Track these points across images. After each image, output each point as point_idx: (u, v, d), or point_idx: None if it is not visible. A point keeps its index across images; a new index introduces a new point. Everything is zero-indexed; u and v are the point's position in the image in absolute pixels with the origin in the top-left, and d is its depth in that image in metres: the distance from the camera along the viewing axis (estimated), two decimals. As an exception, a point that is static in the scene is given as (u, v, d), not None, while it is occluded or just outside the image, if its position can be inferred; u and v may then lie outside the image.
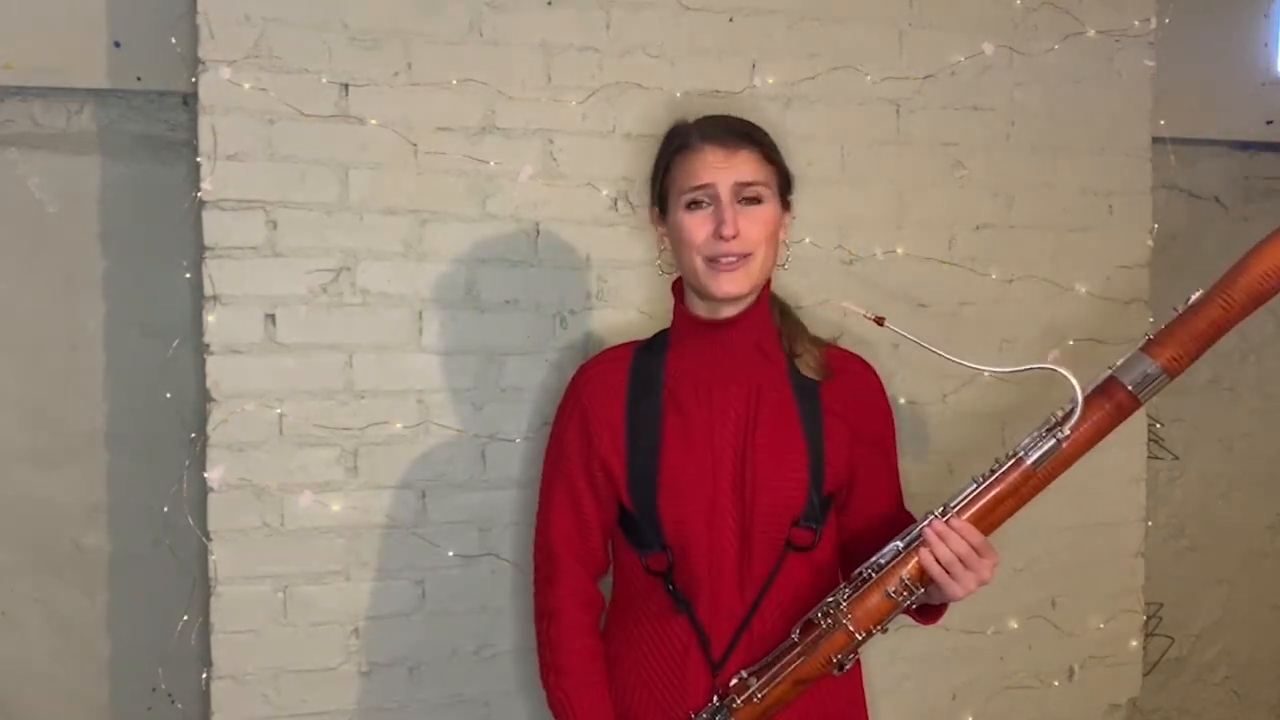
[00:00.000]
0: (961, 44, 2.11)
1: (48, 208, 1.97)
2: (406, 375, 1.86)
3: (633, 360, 1.48)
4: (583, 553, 1.47)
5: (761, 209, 1.37)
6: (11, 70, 1.87)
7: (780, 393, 1.42)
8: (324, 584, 1.84)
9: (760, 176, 1.37)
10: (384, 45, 1.82)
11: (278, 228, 1.79)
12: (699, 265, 1.37)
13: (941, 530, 1.25)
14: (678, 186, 1.40)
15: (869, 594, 1.28)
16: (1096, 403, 1.23)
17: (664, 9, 1.94)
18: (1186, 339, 1.21)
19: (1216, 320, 1.20)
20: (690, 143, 1.40)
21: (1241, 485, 2.77)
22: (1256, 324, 2.75)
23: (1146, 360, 1.21)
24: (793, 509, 1.38)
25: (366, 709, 1.87)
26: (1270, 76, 2.59)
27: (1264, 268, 1.19)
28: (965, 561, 1.24)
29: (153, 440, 1.99)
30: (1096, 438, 1.24)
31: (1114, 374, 1.24)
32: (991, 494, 1.26)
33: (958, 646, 2.18)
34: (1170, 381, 1.22)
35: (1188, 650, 2.74)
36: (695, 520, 1.38)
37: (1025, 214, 2.18)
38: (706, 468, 1.38)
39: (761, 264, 1.38)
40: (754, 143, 1.39)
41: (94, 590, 2.02)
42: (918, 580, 1.27)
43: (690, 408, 1.41)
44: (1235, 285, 1.19)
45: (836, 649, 1.28)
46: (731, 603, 1.38)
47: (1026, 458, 1.25)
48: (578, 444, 1.46)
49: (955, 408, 2.13)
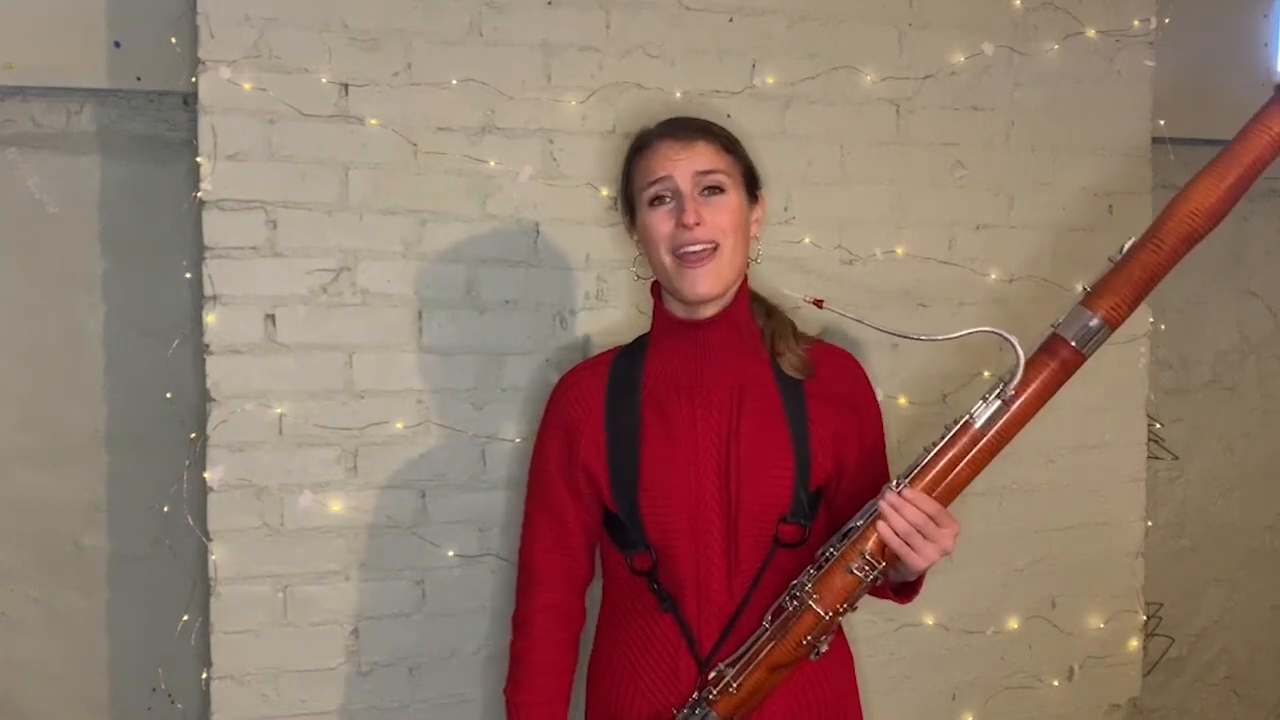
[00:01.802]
0: (961, 44, 2.11)
1: (48, 208, 1.97)
2: (406, 375, 1.86)
3: (612, 365, 1.49)
4: (562, 564, 1.49)
5: (724, 198, 1.37)
6: (11, 70, 1.87)
7: (763, 389, 1.41)
8: (324, 584, 1.84)
9: (719, 165, 1.37)
10: (384, 45, 1.82)
11: (278, 228, 1.79)
12: (668, 262, 1.37)
13: (895, 501, 1.24)
14: (639, 185, 1.40)
15: (832, 572, 1.27)
16: (1041, 361, 1.24)
17: (664, 9, 1.94)
18: (1122, 287, 1.21)
19: (1149, 264, 1.21)
20: (648, 141, 1.41)
21: (1241, 485, 2.77)
22: (1256, 324, 2.75)
23: (1086, 314, 1.22)
24: (779, 505, 1.38)
25: (366, 709, 1.87)
26: (1270, 76, 2.59)
27: (1189, 208, 1.20)
28: (923, 531, 1.23)
29: (153, 440, 1.99)
30: (1045, 396, 1.24)
31: (1056, 331, 1.24)
32: (943, 461, 1.25)
33: (958, 646, 2.18)
34: (1112, 333, 1.23)
35: (1188, 650, 2.74)
36: (678, 519, 1.38)
37: (1025, 214, 2.18)
38: (689, 466, 1.38)
39: (730, 257, 1.37)
40: (710, 134, 1.40)
41: (94, 590, 2.01)
42: (879, 555, 1.26)
43: (671, 407, 1.41)
44: (1163, 228, 1.21)
45: (805, 631, 1.28)
46: (720, 600, 1.37)
47: (974, 421, 1.24)
48: (558, 452, 1.47)
49: (955, 408, 2.13)
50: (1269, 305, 2.75)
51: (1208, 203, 1.21)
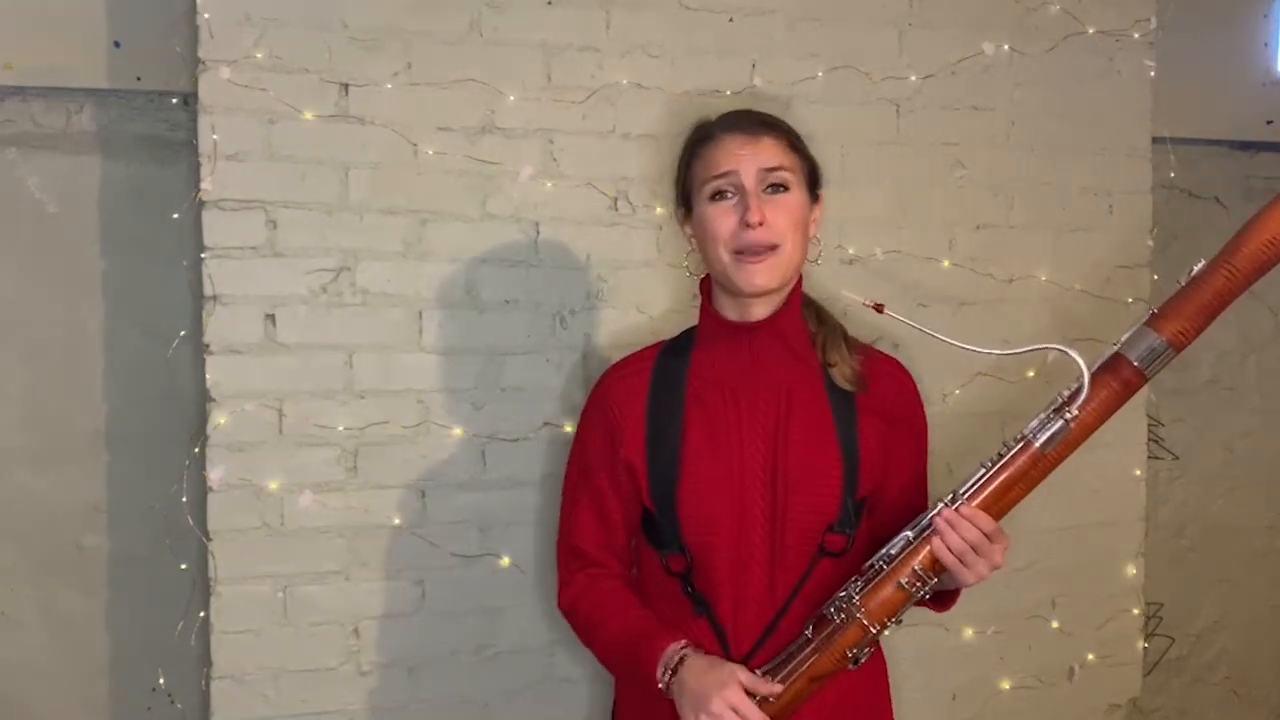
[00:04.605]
0: (961, 44, 2.11)
1: (48, 208, 1.97)
2: (406, 375, 1.86)
3: (656, 361, 1.46)
4: (609, 546, 1.45)
5: (788, 196, 1.34)
6: (11, 70, 1.88)
7: (813, 395, 1.39)
8: (324, 584, 1.84)
9: (785, 162, 1.35)
10: (384, 45, 1.82)
11: (278, 228, 1.79)
12: (726, 259, 1.34)
13: (952, 518, 1.23)
14: (700, 178, 1.37)
15: (882, 586, 1.26)
16: (1103, 380, 1.21)
17: (664, 9, 1.94)
18: (1192, 311, 1.18)
19: (1221, 290, 1.18)
20: (711, 134, 1.38)
21: (1241, 485, 2.77)
22: (1256, 324, 2.75)
23: (1152, 335, 1.19)
24: (827, 515, 1.35)
25: (366, 709, 1.87)
26: (1270, 76, 2.59)
27: (1267, 235, 1.17)
28: (978, 549, 1.23)
29: (153, 440, 1.99)
30: (1104, 416, 1.22)
31: (1120, 350, 1.21)
32: (1001, 479, 1.24)
33: (958, 646, 2.18)
34: (1176, 356, 1.20)
35: (1188, 650, 2.74)
36: (718, 523, 1.35)
37: (1025, 214, 2.18)
38: (733, 471, 1.36)
39: (790, 256, 1.34)
40: (778, 130, 1.37)
41: (94, 590, 2.01)
42: (930, 570, 1.25)
43: (716, 410, 1.38)
44: (1238, 254, 1.17)
45: (851, 643, 1.26)
46: (759, 605, 1.35)
47: (1035, 440, 1.23)
48: (601, 446, 1.44)
49: (955, 408, 2.13)
50: (1269, 306, 2.75)
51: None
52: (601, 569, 1.45)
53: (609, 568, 1.45)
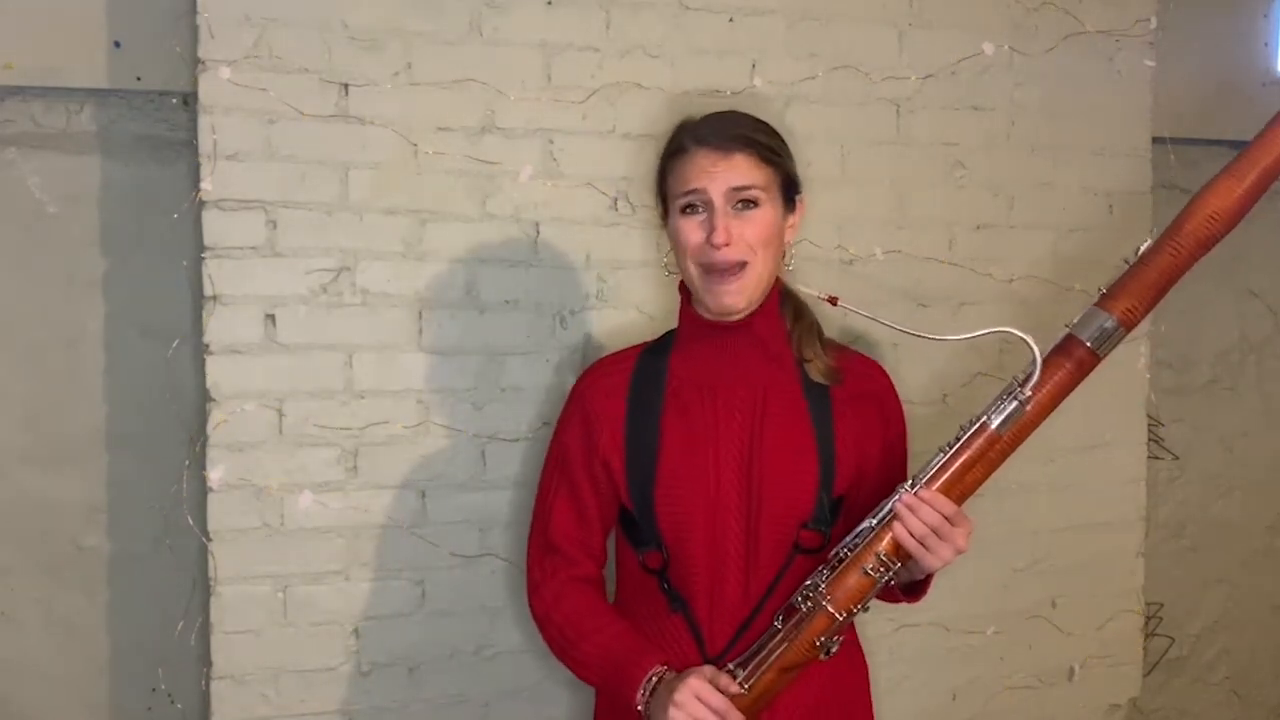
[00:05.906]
0: (961, 44, 2.11)
1: (48, 208, 1.96)
2: (406, 375, 1.86)
3: (637, 361, 1.48)
4: (584, 543, 1.46)
5: (758, 213, 1.35)
6: (11, 70, 1.87)
7: (789, 395, 1.40)
8: (324, 584, 1.84)
9: (756, 180, 1.34)
10: (384, 45, 1.82)
11: (278, 228, 1.79)
12: (695, 272, 1.37)
13: (912, 502, 1.24)
14: (672, 191, 1.39)
15: (846, 573, 1.27)
16: (1056, 362, 1.24)
17: (664, 9, 1.94)
18: (1139, 289, 1.22)
19: (1166, 268, 1.21)
20: (684, 146, 1.38)
21: (1241, 485, 2.77)
22: (1256, 324, 2.75)
23: (1102, 314, 1.22)
24: (801, 512, 1.37)
25: (366, 709, 1.87)
26: (1270, 76, 2.59)
27: (1208, 211, 1.20)
28: (939, 532, 1.24)
29: (153, 440, 1.99)
30: (1059, 397, 1.25)
31: (1071, 331, 1.24)
32: (959, 462, 1.26)
33: (958, 646, 2.18)
34: (1127, 334, 1.23)
35: (1188, 650, 2.74)
36: (694, 519, 1.37)
37: (1025, 214, 2.18)
38: (709, 469, 1.38)
39: (759, 273, 1.36)
40: (750, 144, 1.36)
41: (94, 590, 2.01)
42: (894, 555, 1.26)
43: (694, 409, 1.40)
44: (1182, 230, 1.21)
45: (819, 632, 1.28)
46: (734, 602, 1.37)
47: (990, 422, 1.25)
48: (579, 443, 1.45)
49: (955, 408, 2.13)
50: (1269, 305, 2.75)
51: (1226, 206, 1.20)
52: (575, 567, 1.46)
53: (582, 566, 1.46)
